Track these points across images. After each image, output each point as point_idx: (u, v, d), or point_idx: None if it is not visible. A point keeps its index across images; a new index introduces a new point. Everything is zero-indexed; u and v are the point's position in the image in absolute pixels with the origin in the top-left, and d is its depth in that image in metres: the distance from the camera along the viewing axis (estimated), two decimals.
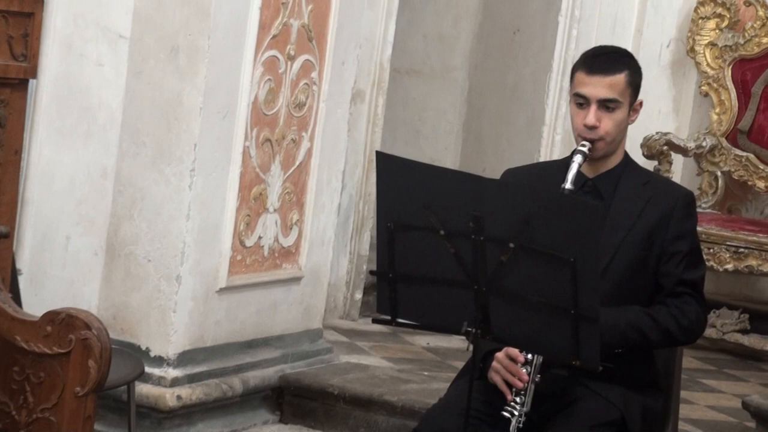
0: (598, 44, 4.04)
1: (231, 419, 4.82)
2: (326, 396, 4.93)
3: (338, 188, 5.33)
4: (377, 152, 3.31)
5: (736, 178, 6.09)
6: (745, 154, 6.01)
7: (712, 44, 6.15)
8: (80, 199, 4.64)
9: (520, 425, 3.37)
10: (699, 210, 5.90)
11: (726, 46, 6.10)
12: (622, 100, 3.51)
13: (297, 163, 4.97)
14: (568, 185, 3.43)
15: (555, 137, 6.33)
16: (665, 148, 5.92)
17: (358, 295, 5.97)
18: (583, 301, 3.10)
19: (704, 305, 3.59)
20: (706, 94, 6.18)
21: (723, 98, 6.11)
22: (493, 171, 5.55)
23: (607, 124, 3.50)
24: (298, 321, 5.12)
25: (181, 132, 4.54)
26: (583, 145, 3.50)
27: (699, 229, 5.53)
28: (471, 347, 3.28)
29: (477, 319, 3.19)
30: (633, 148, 5.76)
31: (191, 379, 4.62)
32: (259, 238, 4.86)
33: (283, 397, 4.99)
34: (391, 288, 3.25)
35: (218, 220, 4.66)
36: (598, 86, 3.49)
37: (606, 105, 3.50)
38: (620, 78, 3.50)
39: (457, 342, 5.37)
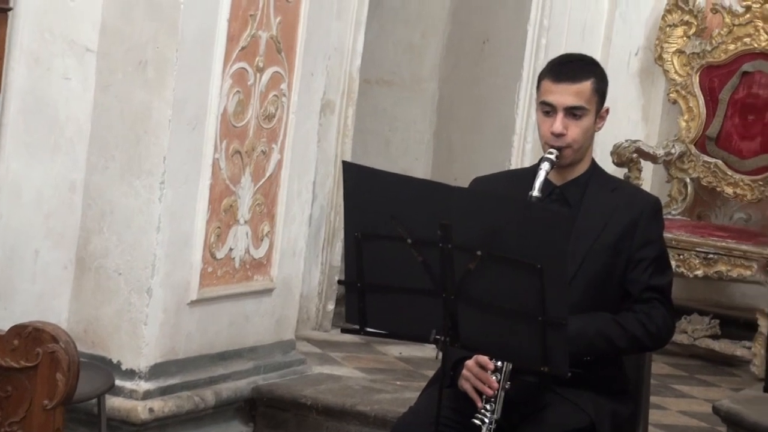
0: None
1: (204, 431, 4.82)
2: (299, 407, 4.93)
3: (309, 199, 5.34)
4: (344, 162, 3.32)
5: (704, 184, 6.12)
6: (713, 160, 6.04)
7: (679, 51, 6.18)
8: (49, 213, 4.62)
9: None
10: (669, 217, 5.96)
11: (693, 53, 6.13)
12: (588, 108, 3.53)
13: (267, 174, 4.97)
14: (535, 193, 3.44)
15: (525, 146, 6.35)
16: (635, 155, 5.95)
17: (331, 306, 5.97)
18: (551, 308, 3.11)
19: (672, 311, 3.61)
20: (675, 102, 6.21)
21: (691, 105, 6.14)
22: (465, 180, 5.53)
23: (574, 131, 3.52)
24: (270, 332, 5.11)
25: (150, 145, 4.54)
26: (551, 153, 3.51)
27: (669, 235, 5.60)
28: (440, 355, 3.29)
29: (446, 327, 3.20)
30: (603, 155, 5.79)
31: (163, 391, 4.61)
32: (230, 249, 4.86)
33: (256, 409, 4.98)
34: (360, 297, 3.26)
35: (189, 233, 4.66)
36: (565, 94, 3.50)
37: (573, 112, 3.51)
38: (586, 85, 3.52)
39: (430, 351, 5.37)
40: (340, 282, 3.41)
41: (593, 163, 3.67)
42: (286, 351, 5.20)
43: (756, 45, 5.97)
